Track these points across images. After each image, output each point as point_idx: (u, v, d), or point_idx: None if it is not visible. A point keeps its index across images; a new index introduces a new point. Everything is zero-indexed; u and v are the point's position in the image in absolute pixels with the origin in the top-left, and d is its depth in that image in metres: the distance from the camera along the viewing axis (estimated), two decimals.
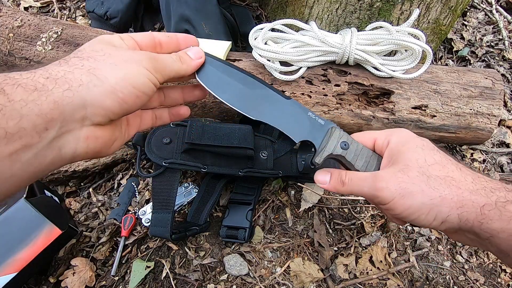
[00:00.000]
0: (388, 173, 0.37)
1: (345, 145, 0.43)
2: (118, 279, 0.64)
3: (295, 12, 0.85)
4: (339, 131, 0.44)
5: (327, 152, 0.43)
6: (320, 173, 0.44)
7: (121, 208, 0.72)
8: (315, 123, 0.45)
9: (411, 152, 0.38)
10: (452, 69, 0.75)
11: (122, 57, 0.32)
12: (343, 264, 0.65)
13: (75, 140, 0.30)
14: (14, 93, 0.26)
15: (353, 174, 0.41)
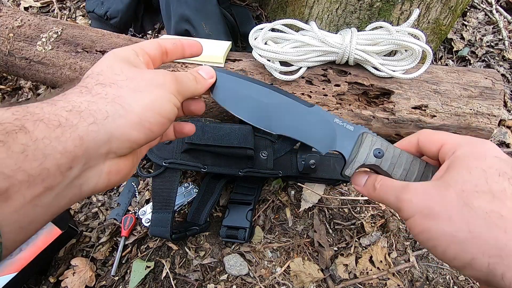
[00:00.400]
0: (421, 186, 0.32)
1: (379, 153, 0.38)
2: (118, 279, 0.64)
3: (295, 12, 0.85)
4: (371, 137, 0.39)
5: (358, 162, 0.38)
6: (358, 175, 0.39)
7: (121, 208, 0.72)
8: (343, 130, 0.40)
9: (466, 171, 0.30)
10: (452, 69, 0.75)
11: (145, 80, 0.30)
12: (343, 264, 0.65)
13: (97, 175, 0.28)
14: (36, 130, 0.23)
15: (386, 180, 0.36)
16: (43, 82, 0.76)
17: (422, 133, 0.38)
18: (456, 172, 0.30)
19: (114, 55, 0.32)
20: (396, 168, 0.37)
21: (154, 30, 1.04)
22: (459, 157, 0.32)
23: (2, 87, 0.95)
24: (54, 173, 0.24)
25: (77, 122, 0.25)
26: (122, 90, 0.29)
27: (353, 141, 0.40)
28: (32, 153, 0.23)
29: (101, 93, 0.28)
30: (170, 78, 0.32)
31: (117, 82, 0.29)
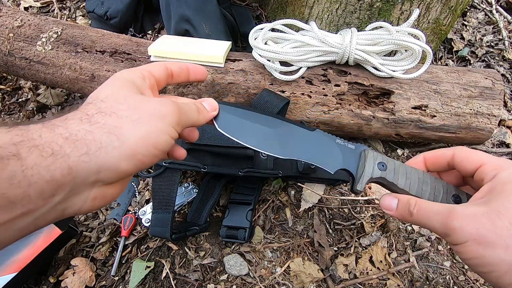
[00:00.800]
0: (469, 212, 0.31)
1: (383, 166, 0.41)
2: (118, 279, 0.64)
3: (295, 12, 0.85)
4: (372, 153, 0.42)
5: (367, 177, 0.40)
6: (387, 198, 0.39)
7: (121, 208, 0.72)
8: (345, 149, 0.43)
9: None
10: (452, 69, 0.75)
11: (146, 111, 0.30)
12: (343, 264, 0.65)
13: (82, 201, 0.28)
14: (29, 157, 0.24)
15: (423, 203, 0.36)
16: (43, 82, 0.76)
17: (459, 149, 0.39)
18: (504, 198, 0.31)
19: (121, 78, 0.33)
20: (400, 178, 0.40)
21: (154, 30, 1.04)
22: (503, 181, 0.32)
23: (2, 87, 0.95)
24: (36, 200, 0.24)
25: (70, 152, 0.25)
26: (121, 120, 0.29)
27: (356, 158, 0.42)
28: (18, 181, 0.23)
29: (100, 122, 0.28)
30: (173, 109, 0.32)
31: (118, 111, 0.29)
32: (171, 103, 0.32)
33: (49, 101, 0.91)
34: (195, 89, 0.69)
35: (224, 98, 0.70)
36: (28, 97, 0.92)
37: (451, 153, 0.39)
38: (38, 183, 0.24)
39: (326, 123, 0.72)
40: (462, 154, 0.38)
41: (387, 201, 0.39)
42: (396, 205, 0.38)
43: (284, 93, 0.70)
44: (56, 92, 0.91)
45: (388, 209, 0.39)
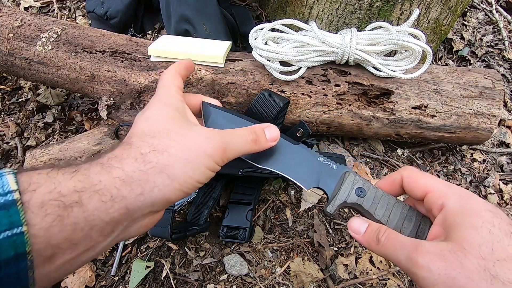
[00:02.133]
0: (435, 248, 0.30)
1: (361, 192, 0.38)
2: (118, 279, 0.64)
3: (295, 12, 0.85)
4: (353, 176, 0.40)
5: (339, 200, 0.39)
6: (356, 221, 0.37)
7: None
8: (326, 168, 0.41)
9: (474, 231, 0.29)
10: (452, 69, 0.75)
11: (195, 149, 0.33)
12: (343, 264, 0.65)
13: (136, 229, 0.31)
14: (90, 203, 0.26)
15: (392, 233, 0.34)
16: (43, 82, 0.76)
17: (405, 173, 0.37)
18: (463, 232, 0.29)
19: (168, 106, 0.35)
20: (378, 209, 0.38)
21: (154, 30, 1.04)
22: (453, 212, 0.32)
23: (2, 87, 0.95)
24: (97, 238, 0.27)
25: (127, 194, 0.28)
26: (172, 159, 0.31)
27: (336, 179, 0.40)
28: (81, 227, 0.25)
29: (153, 161, 0.30)
30: (220, 148, 0.34)
31: (169, 149, 0.31)
32: (218, 139, 0.34)
33: (49, 101, 0.91)
34: (195, 89, 0.69)
35: (224, 98, 0.70)
36: (28, 97, 0.92)
37: (399, 177, 0.38)
38: (98, 225, 0.27)
39: (326, 123, 0.72)
40: (410, 179, 0.37)
41: (356, 224, 0.37)
42: (365, 230, 0.36)
43: (284, 93, 0.70)
44: (56, 92, 0.91)
45: (355, 232, 0.36)
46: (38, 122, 0.89)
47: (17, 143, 0.85)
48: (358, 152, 0.81)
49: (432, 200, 0.34)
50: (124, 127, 0.72)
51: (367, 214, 0.38)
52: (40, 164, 0.70)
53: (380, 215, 0.37)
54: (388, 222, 0.37)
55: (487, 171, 0.84)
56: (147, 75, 0.69)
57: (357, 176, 0.40)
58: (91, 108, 0.91)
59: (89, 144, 0.72)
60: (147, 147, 0.31)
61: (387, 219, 0.37)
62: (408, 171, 0.38)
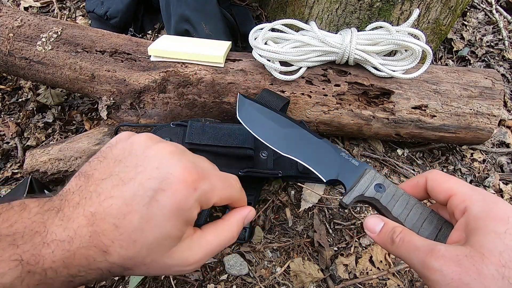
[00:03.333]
0: (450, 252, 0.28)
1: (380, 188, 0.38)
2: (118, 279, 0.64)
3: (295, 12, 0.85)
4: (374, 173, 0.40)
5: (357, 192, 0.38)
6: (372, 219, 0.36)
7: None
8: (347, 163, 0.42)
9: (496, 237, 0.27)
10: (452, 69, 0.75)
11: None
12: (343, 264, 0.64)
13: None
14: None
15: (408, 234, 0.32)
16: (43, 82, 0.76)
17: (430, 176, 0.36)
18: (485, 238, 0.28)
19: (175, 213, 0.28)
20: (397, 206, 0.37)
21: (154, 30, 1.04)
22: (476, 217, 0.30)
23: (2, 87, 0.95)
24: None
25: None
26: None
27: (356, 175, 0.41)
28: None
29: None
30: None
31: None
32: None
33: (49, 101, 0.91)
34: (195, 89, 0.69)
35: (224, 98, 0.70)
36: (28, 97, 0.92)
37: (424, 180, 0.37)
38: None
39: (326, 123, 0.72)
40: (433, 182, 0.35)
41: (372, 223, 0.36)
42: (380, 229, 0.35)
43: (284, 93, 0.70)
44: (56, 92, 0.91)
45: (370, 231, 0.36)
46: (38, 122, 0.89)
47: (17, 143, 0.85)
48: (358, 152, 0.81)
49: (455, 203, 0.32)
50: (124, 127, 0.72)
51: (384, 211, 0.37)
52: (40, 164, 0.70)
53: (398, 213, 0.36)
54: (406, 221, 0.36)
55: (487, 171, 0.84)
56: (147, 75, 0.69)
57: (378, 173, 0.40)
58: (91, 108, 0.91)
59: (89, 144, 0.72)
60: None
61: (405, 217, 0.36)
62: (433, 174, 0.36)
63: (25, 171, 0.70)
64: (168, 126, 0.63)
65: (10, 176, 0.81)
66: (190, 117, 0.71)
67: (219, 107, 0.71)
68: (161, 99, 0.69)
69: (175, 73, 0.68)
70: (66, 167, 0.71)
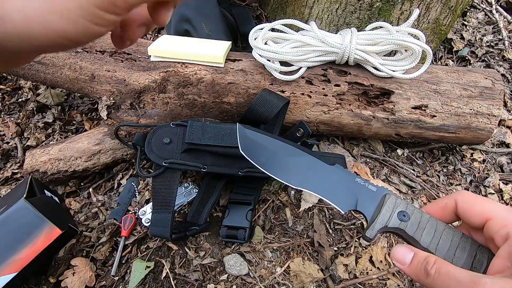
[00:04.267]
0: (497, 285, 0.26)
1: (404, 216, 0.35)
2: (118, 279, 0.64)
3: (295, 12, 0.85)
4: (395, 199, 0.37)
5: (380, 224, 0.36)
6: (400, 250, 0.33)
7: (121, 208, 0.72)
8: (364, 190, 0.39)
9: None
10: (452, 69, 0.75)
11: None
12: (343, 264, 0.64)
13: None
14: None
15: (444, 265, 0.30)
16: (43, 82, 0.76)
17: (460, 198, 0.34)
18: None
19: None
20: (425, 235, 0.34)
21: (154, 30, 1.04)
22: None
23: (2, 87, 0.95)
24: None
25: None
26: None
27: (375, 202, 0.38)
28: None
29: None
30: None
31: None
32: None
33: (49, 101, 0.91)
34: (195, 89, 0.69)
35: (224, 98, 0.70)
36: (28, 97, 0.92)
37: (453, 202, 0.34)
38: None
39: (326, 123, 0.72)
40: (465, 205, 0.33)
41: (400, 253, 0.33)
42: (411, 260, 0.32)
43: (284, 93, 0.70)
44: (56, 92, 0.91)
45: (400, 263, 0.33)
46: (38, 122, 0.89)
47: (17, 143, 0.85)
48: (358, 152, 0.81)
49: (494, 228, 0.30)
50: (124, 127, 0.72)
51: (412, 241, 0.35)
52: (40, 164, 0.70)
53: (427, 242, 0.34)
54: (437, 250, 0.33)
55: (487, 171, 0.83)
56: (147, 75, 0.69)
57: (399, 198, 0.37)
58: (91, 108, 0.91)
59: (89, 144, 0.72)
60: None
61: (435, 247, 0.33)
62: (464, 196, 0.34)
63: (25, 171, 0.70)
64: (168, 126, 0.63)
65: (10, 176, 0.81)
66: (190, 117, 0.71)
67: (219, 107, 0.71)
68: (161, 99, 0.69)
69: (175, 73, 0.68)
70: (66, 167, 0.71)
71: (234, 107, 0.71)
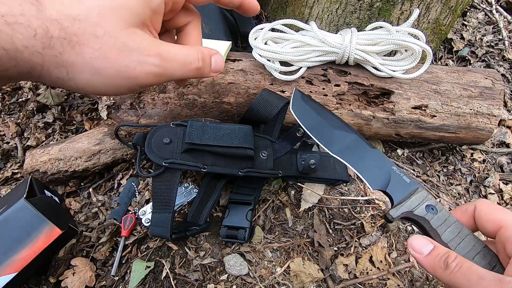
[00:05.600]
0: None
1: (432, 209, 0.36)
2: (118, 279, 0.64)
3: (295, 12, 0.85)
4: (426, 194, 0.38)
5: (406, 208, 0.37)
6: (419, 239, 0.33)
7: (121, 208, 0.72)
8: (398, 178, 0.40)
9: None
10: (452, 69, 0.75)
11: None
12: (343, 264, 0.64)
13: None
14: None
15: (468, 262, 0.30)
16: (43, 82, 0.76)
17: (478, 204, 0.35)
18: None
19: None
20: (448, 232, 0.34)
21: None
22: None
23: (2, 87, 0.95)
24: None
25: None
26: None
27: (406, 191, 0.39)
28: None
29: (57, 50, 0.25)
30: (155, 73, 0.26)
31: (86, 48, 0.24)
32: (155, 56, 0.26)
33: (49, 101, 0.91)
34: (195, 89, 0.69)
35: (224, 98, 0.70)
36: (28, 97, 0.92)
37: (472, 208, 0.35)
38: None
39: None
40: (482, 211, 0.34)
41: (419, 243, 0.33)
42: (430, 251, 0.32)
43: (284, 93, 0.70)
44: (56, 92, 0.91)
45: (416, 252, 0.33)
46: (38, 122, 0.89)
47: (17, 143, 0.85)
48: None
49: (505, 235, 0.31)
50: (124, 127, 0.72)
51: (432, 233, 0.35)
52: (40, 164, 0.70)
53: (449, 238, 0.34)
54: (456, 249, 0.34)
55: (487, 171, 0.83)
56: None
57: (430, 195, 0.38)
58: (91, 108, 0.91)
59: (89, 144, 0.72)
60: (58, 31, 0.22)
61: (456, 245, 0.34)
62: (482, 203, 0.35)
63: (25, 171, 0.70)
64: (168, 126, 0.63)
65: (10, 176, 0.81)
66: (190, 117, 0.71)
67: (219, 107, 0.71)
68: (161, 99, 0.69)
69: None
70: (66, 167, 0.71)
71: (234, 107, 0.71)
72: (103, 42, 0.23)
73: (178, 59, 0.27)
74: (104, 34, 0.23)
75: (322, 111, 0.49)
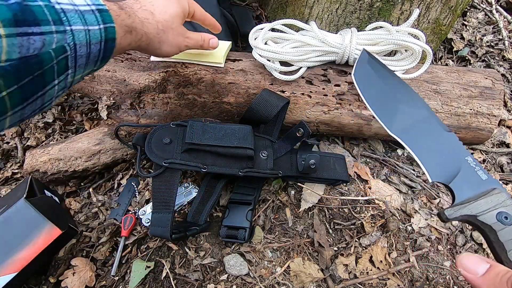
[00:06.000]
0: None
1: (506, 218, 0.30)
2: (118, 279, 0.64)
3: (295, 12, 0.85)
4: (504, 197, 0.31)
5: (470, 210, 0.31)
6: (472, 258, 0.30)
7: (121, 208, 0.72)
8: (471, 172, 0.33)
9: None
10: (452, 69, 0.75)
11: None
12: (343, 264, 0.64)
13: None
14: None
15: None
16: None
17: None
18: None
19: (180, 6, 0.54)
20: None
21: None
22: None
23: None
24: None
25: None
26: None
27: (478, 190, 0.32)
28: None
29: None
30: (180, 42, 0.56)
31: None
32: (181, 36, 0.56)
33: None
34: (195, 89, 0.69)
35: (224, 98, 0.70)
36: None
37: None
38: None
39: (326, 123, 0.72)
40: None
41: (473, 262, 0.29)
42: (485, 271, 0.28)
43: (284, 93, 0.70)
44: None
45: (469, 272, 0.29)
46: (38, 122, 0.89)
47: (17, 143, 0.85)
48: (358, 152, 0.81)
49: None
50: (124, 127, 0.72)
51: (497, 247, 0.30)
52: (40, 164, 0.70)
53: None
54: None
55: (487, 171, 0.84)
56: (147, 75, 0.69)
57: (510, 200, 0.31)
58: (91, 108, 0.91)
59: (89, 144, 0.72)
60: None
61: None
62: None
63: (25, 171, 0.70)
64: (168, 126, 0.63)
65: (10, 176, 0.81)
66: (190, 117, 0.71)
67: (219, 107, 0.71)
68: (161, 99, 0.69)
69: (175, 73, 0.68)
70: (66, 167, 0.71)
71: (234, 107, 0.71)
72: (174, 31, 0.52)
73: (195, 39, 0.58)
74: (174, 27, 0.52)
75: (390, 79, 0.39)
